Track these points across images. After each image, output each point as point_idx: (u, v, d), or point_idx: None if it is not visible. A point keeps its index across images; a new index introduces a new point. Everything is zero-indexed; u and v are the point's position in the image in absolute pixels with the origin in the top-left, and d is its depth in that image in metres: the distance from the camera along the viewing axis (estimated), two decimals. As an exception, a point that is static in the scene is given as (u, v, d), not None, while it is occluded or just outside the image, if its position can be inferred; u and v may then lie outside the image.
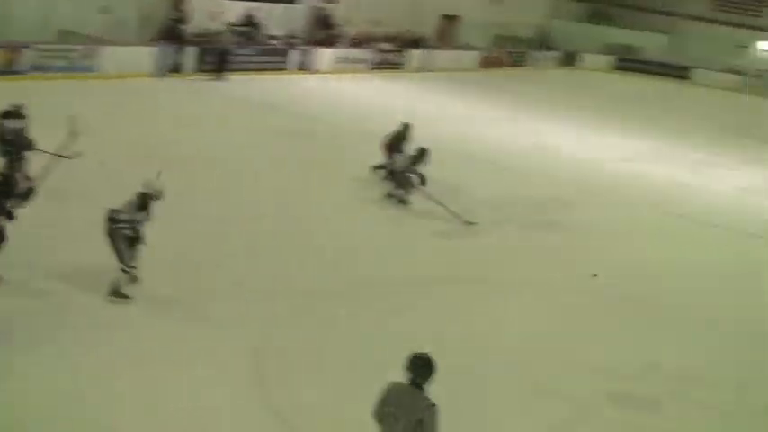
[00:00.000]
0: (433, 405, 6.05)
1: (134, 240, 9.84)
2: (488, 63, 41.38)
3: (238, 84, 25.70)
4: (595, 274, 13.01)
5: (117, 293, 9.88)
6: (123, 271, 9.83)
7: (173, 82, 24.75)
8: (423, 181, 15.31)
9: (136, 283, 10.14)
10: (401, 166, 15.59)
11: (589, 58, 48.71)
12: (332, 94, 24.96)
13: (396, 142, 16.40)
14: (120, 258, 9.76)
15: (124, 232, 9.70)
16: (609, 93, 39.62)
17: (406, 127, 16.75)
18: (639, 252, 15.52)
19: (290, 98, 23.08)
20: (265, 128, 20.76)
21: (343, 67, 31.54)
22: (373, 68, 33.21)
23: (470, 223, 15.30)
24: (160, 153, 17.06)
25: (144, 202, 9.83)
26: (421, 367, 6.12)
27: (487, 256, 14.16)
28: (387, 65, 34.13)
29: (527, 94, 32.75)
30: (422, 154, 15.50)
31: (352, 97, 21.95)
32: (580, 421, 9.21)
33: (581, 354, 10.73)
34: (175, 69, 25.35)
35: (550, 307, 12.45)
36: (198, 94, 24.10)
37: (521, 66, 44.01)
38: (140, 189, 9.90)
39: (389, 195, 15.91)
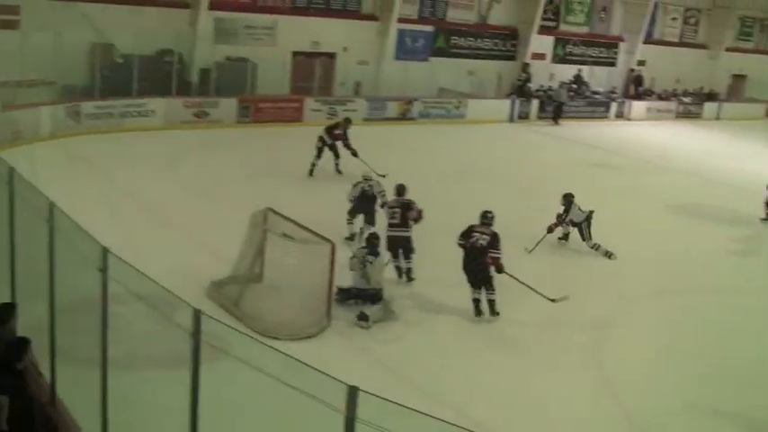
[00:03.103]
0: None
1: None
2: (772, 114, 38.13)
3: (569, 128, 26.03)
4: None
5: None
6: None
7: (521, 126, 25.80)
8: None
9: None
10: None
11: None
12: (641, 137, 24.54)
13: None
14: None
15: None
16: None
17: None
18: None
19: (608, 139, 23.08)
20: (587, 160, 20.98)
21: (651, 115, 30.68)
22: (676, 117, 32.10)
23: None
24: (510, 175, 17.94)
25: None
26: None
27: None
28: (686, 114, 32.75)
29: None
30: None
31: (658, 139, 21.50)
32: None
33: None
34: (523, 117, 26.45)
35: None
36: (539, 134, 24.82)
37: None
38: None
39: None
